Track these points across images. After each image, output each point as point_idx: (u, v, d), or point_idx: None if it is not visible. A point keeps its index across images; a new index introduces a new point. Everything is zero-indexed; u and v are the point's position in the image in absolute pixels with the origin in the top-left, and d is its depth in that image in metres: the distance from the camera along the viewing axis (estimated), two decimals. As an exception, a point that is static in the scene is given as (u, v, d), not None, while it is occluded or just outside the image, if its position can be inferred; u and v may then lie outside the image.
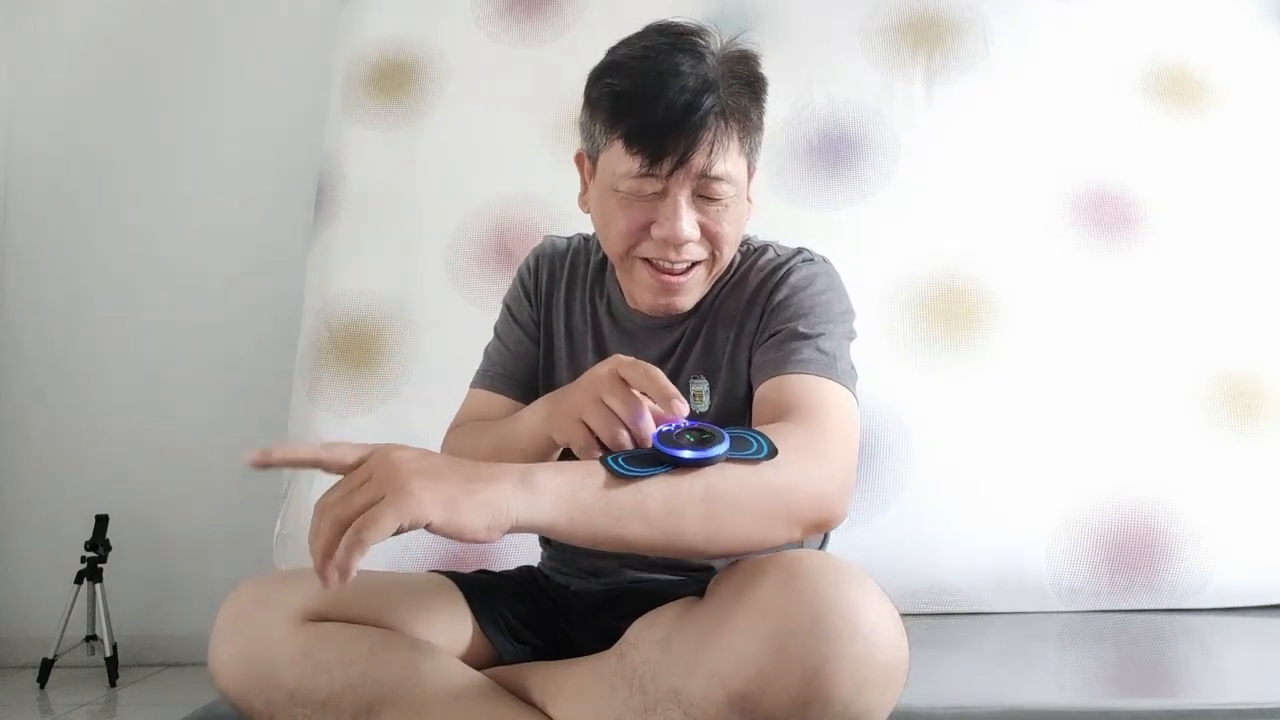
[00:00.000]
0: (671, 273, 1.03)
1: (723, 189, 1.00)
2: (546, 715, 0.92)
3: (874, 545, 1.56)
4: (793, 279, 1.06)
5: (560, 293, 1.19)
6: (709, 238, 1.02)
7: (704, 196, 1.00)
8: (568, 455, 0.98)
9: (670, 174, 0.98)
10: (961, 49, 1.93)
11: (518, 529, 0.74)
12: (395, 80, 2.01)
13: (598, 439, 0.87)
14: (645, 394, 0.85)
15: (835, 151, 1.88)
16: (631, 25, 1.17)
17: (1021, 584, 1.60)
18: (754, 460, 0.81)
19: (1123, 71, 1.91)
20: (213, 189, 2.53)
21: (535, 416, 1.01)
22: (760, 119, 1.06)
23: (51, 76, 2.60)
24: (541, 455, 0.99)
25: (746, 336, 1.06)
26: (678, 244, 1.00)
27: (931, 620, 1.54)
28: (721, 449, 0.80)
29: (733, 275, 1.11)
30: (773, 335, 1.02)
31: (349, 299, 1.86)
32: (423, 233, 1.90)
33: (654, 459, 0.80)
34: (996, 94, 1.90)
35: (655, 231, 1.00)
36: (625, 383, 0.86)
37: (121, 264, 2.53)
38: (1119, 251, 1.78)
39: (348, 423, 1.78)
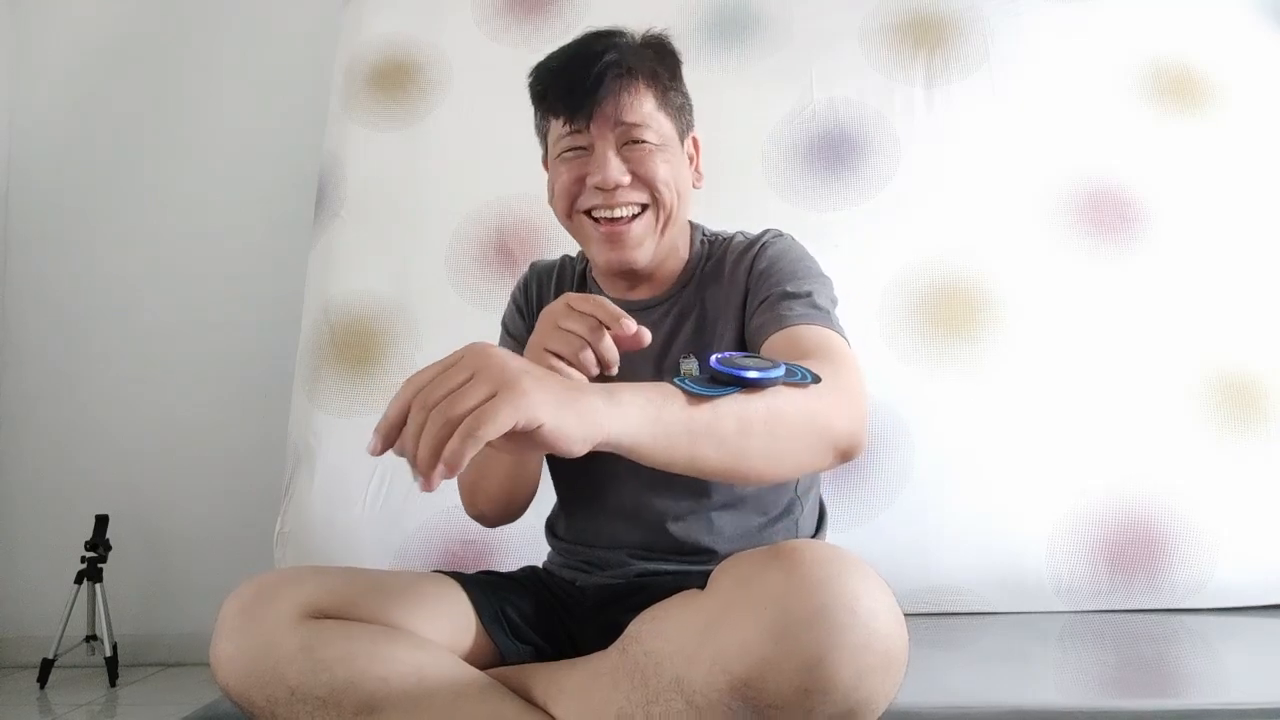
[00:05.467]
0: (614, 221, 1.11)
1: (642, 133, 1.11)
2: (548, 714, 0.92)
3: (874, 544, 1.56)
4: (770, 251, 1.14)
5: (550, 301, 1.22)
6: (642, 180, 1.11)
7: (629, 143, 1.11)
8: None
9: (590, 123, 1.09)
10: (961, 50, 1.93)
11: (605, 444, 0.75)
12: (396, 80, 2.01)
13: (565, 362, 0.91)
14: (597, 318, 0.89)
15: (835, 152, 1.88)
16: (632, 25, 1.17)
17: (1021, 584, 1.60)
18: (803, 384, 0.85)
19: (1122, 72, 1.91)
20: (213, 189, 2.54)
21: None
22: (674, 80, 1.16)
23: (53, 76, 2.60)
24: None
25: (733, 311, 1.13)
26: (608, 187, 1.09)
27: (931, 620, 1.54)
28: (781, 370, 0.83)
29: (709, 260, 1.19)
30: (764, 299, 1.08)
31: (349, 299, 1.86)
32: (423, 233, 1.90)
33: (716, 381, 0.81)
34: (996, 94, 1.90)
35: (589, 180, 1.11)
36: (578, 310, 0.91)
37: (122, 264, 2.53)
38: (1119, 251, 1.78)
39: (348, 422, 1.78)
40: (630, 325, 0.86)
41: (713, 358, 0.83)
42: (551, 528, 1.24)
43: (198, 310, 2.50)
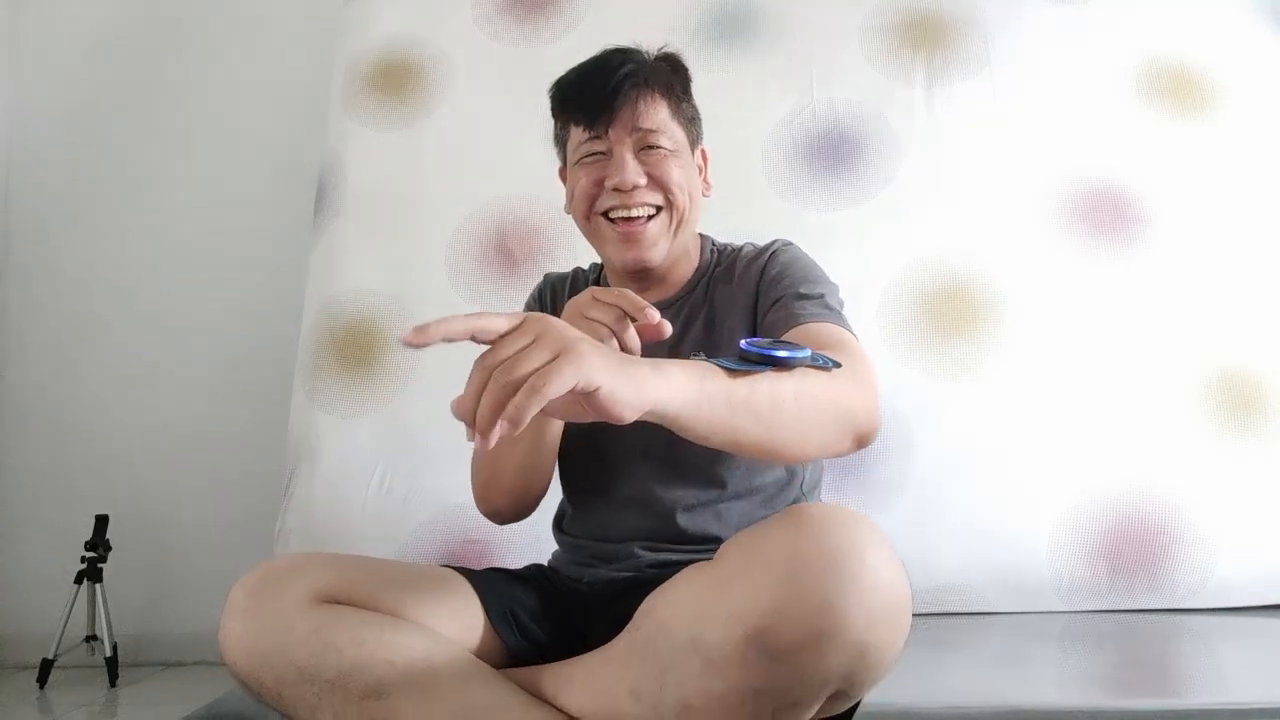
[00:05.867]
0: (630, 221, 1.16)
1: (658, 139, 1.17)
2: (556, 707, 0.92)
3: (874, 545, 1.56)
4: (781, 258, 1.19)
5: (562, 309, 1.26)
6: (657, 183, 1.17)
7: (645, 149, 1.17)
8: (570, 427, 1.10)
9: (609, 129, 1.16)
10: (962, 50, 1.93)
11: (651, 413, 0.77)
12: (396, 79, 2.01)
13: None
14: (621, 308, 0.93)
15: (835, 152, 1.88)
16: (632, 25, 1.17)
17: (1022, 584, 1.60)
18: (826, 369, 0.89)
19: (1122, 72, 1.91)
20: (213, 188, 2.54)
21: None
22: (685, 93, 1.23)
23: (52, 76, 2.60)
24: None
25: (742, 313, 1.17)
26: (626, 188, 1.15)
27: (932, 620, 1.54)
28: (808, 353, 0.88)
29: (718, 265, 1.24)
30: (777, 300, 1.12)
31: (349, 298, 1.86)
32: (423, 232, 1.90)
33: (744, 362, 0.85)
34: (997, 95, 1.90)
35: (608, 183, 1.16)
36: (603, 302, 0.95)
37: (122, 263, 2.53)
38: (1119, 252, 1.78)
39: (348, 423, 1.78)
40: (654, 315, 0.89)
41: (742, 341, 0.87)
42: (559, 524, 1.25)
43: (197, 310, 2.50)
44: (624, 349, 0.92)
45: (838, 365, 0.90)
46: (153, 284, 2.52)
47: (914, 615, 0.80)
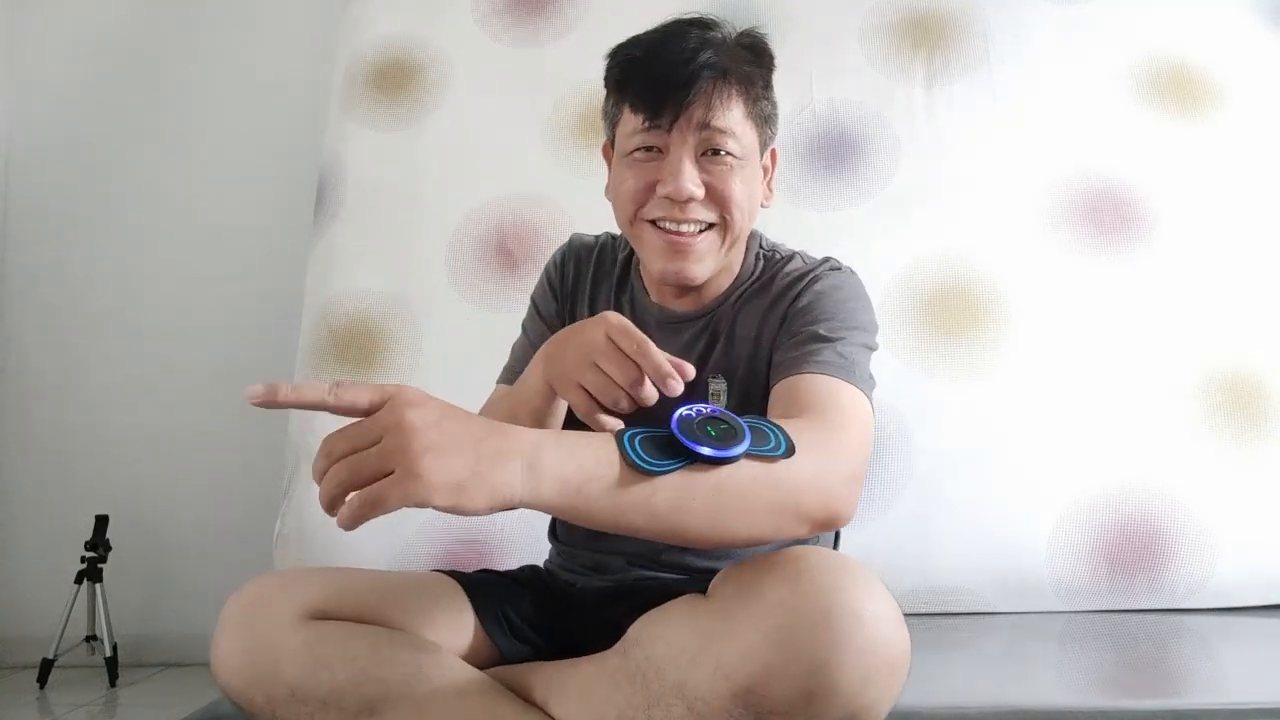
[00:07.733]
0: (679, 233, 1.04)
1: (726, 142, 1.03)
2: (548, 715, 0.92)
3: (875, 545, 1.56)
4: (818, 285, 1.07)
5: (585, 286, 1.21)
6: (715, 199, 1.04)
7: (707, 154, 1.03)
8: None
9: (671, 126, 1.01)
10: (961, 49, 1.93)
11: (517, 507, 0.75)
12: (396, 80, 2.01)
13: (597, 401, 0.89)
14: (639, 365, 0.86)
15: (835, 152, 1.88)
16: (632, 25, 1.17)
17: (1021, 584, 1.60)
18: (771, 458, 0.80)
19: (1122, 72, 1.91)
20: (213, 188, 2.54)
21: (536, 374, 1.01)
22: (766, 88, 1.08)
23: (52, 75, 2.60)
24: (549, 406, 1.01)
25: (767, 338, 1.08)
26: (680, 199, 1.02)
27: (932, 620, 1.54)
28: (742, 448, 0.79)
29: (758, 279, 1.13)
30: (793, 336, 1.03)
31: (349, 298, 1.86)
32: (423, 232, 1.89)
33: (671, 445, 0.78)
34: (996, 95, 1.90)
35: (660, 189, 1.03)
36: (619, 347, 0.87)
37: (122, 263, 2.53)
38: (1119, 252, 1.78)
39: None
40: (676, 388, 0.83)
41: (676, 415, 0.79)
42: (552, 529, 1.24)
43: (197, 310, 2.50)
44: (636, 403, 0.87)
45: (790, 451, 0.81)
46: (153, 284, 2.52)
47: (914, 615, 0.79)
